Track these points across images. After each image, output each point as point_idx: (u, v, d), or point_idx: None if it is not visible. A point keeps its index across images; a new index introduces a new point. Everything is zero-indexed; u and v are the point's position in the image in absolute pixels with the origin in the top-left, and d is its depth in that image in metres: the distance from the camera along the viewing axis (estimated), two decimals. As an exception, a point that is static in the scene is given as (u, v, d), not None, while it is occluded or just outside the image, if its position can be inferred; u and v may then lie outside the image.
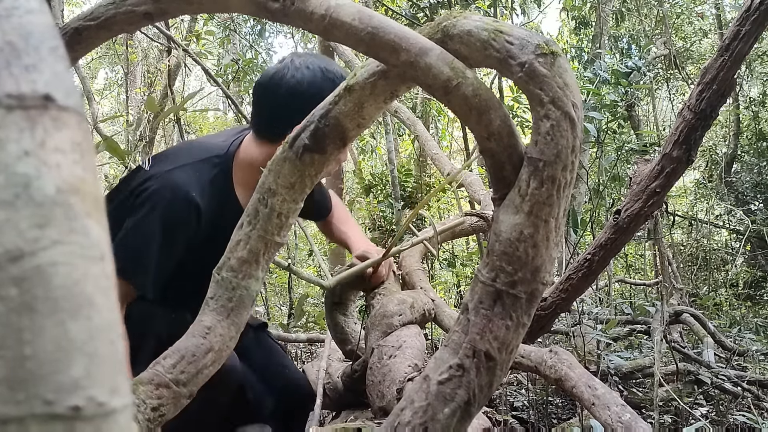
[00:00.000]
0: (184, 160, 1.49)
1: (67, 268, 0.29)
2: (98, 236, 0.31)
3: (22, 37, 0.31)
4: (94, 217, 0.31)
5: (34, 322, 0.28)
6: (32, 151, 0.29)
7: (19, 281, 0.28)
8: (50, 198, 0.29)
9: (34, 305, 0.28)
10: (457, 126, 9.38)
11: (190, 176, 1.45)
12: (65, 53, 0.33)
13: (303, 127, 0.99)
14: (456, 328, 0.82)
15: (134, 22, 1.07)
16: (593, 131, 3.58)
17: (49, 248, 0.29)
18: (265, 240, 1.02)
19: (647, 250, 6.51)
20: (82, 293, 0.30)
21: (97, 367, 0.30)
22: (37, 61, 0.31)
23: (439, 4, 5.25)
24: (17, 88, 0.30)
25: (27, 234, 0.29)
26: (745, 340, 3.59)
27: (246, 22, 8.52)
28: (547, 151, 0.77)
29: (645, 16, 8.69)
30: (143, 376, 0.96)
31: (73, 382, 0.29)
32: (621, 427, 1.48)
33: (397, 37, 0.84)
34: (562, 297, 2.46)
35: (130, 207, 1.39)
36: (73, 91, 0.32)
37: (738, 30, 1.80)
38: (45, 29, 0.32)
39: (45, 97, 0.30)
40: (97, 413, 0.29)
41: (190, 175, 1.45)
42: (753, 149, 9.40)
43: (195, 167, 1.48)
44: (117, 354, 0.31)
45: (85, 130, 0.32)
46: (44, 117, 0.30)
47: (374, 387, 2.27)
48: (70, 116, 0.31)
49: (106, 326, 0.30)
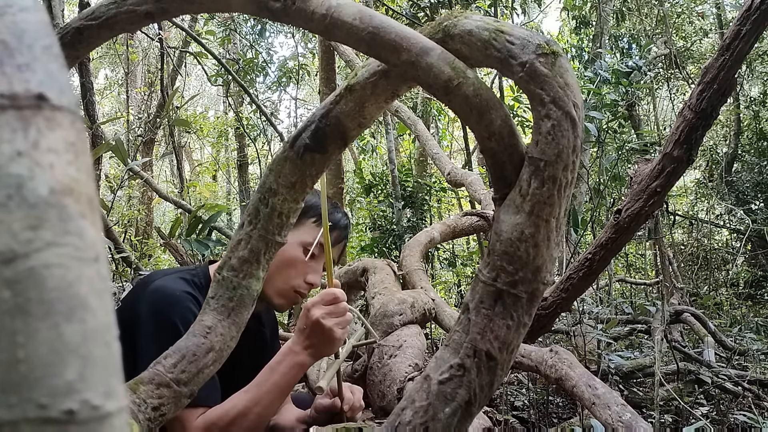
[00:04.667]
0: (163, 274, 1.52)
1: (61, 270, 0.29)
2: (93, 238, 0.30)
3: (16, 36, 0.30)
4: (88, 218, 0.30)
5: (28, 324, 0.28)
6: (25, 152, 0.29)
7: (13, 284, 0.28)
8: (43, 199, 0.29)
9: (27, 308, 0.28)
10: (457, 126, 9.39)
11: (177, 280, 1.47)
12: (60, 52, 0.32)
13: (304, 127, 0.99)
14: (457, 328, 0.81)
15: (135, 21, 1.06)
16: (594, 131, 3.58)
17: (43, 250, 0.29)
18: (266, 239, 1.02)
19: (648, 250, 6.51)
20: (77, 295, 0.29)
21: (92, 370, 0.29)
22: (31, 60, 0.30)
23: (439, 3, 5.25)
24: (10, 88, 0.29)
25: (20, 236, 0.28)
26: (746, 339, 3.59)
27: (246, 21, 8.52)
28: (548, 151, 0.77)
29: (645, 16, 8.69)
30: (144, 375, 0.95)
31: (67, 385, 0.28)
32: (621, 426, 1.47)
33: (398, 36, 0.84)
34: (563, 296, 2.46)
35: (137, 326, 1.38)
36: (68, 91, 0.31)
37: (739, 29, 1.80)
38: (39, 28, 0.31)
39: (38, 97, 0.30)
40: (91, 417, 0.29)
41: (178, 279, 1.47)
42: (753, 149, 9.40)
43: (179, 275, 1.50)
44: (112, 357, 0.31)
45: (79, 129, 0.31)
46: (38, 117, 0.30)
47: (375, 387, 2.27)
48: (63, 116, 0.31)
49: (100, 329, 0.30)
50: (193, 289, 1.45)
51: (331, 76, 6.54)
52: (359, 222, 7.00)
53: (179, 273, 1.52)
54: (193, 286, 1.47)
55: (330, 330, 1.36)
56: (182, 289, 1.43)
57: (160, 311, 1.37)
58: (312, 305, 1.38)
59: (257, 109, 7.52)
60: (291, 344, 1.39)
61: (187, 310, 1.37)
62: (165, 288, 1.42)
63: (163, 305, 1.38)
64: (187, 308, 1.38)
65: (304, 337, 1.37)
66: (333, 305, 1.38)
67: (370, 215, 6.01)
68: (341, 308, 1.39)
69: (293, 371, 1.36)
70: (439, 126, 9.07)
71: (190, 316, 1.34)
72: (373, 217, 5.93)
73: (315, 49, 8.65)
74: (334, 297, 1.38)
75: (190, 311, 1.37)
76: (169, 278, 1.47)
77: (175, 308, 1.38)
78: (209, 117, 13.01)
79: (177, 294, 1.41)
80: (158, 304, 1.39)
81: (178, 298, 1.40)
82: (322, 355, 1.42)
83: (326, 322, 1.35)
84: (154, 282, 1.45)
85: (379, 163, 8.47)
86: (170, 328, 1.32)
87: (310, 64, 9.43)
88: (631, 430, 1.44)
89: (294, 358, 1.37)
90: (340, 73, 7.39)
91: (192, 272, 1.54)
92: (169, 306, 1.38)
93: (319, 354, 1.40)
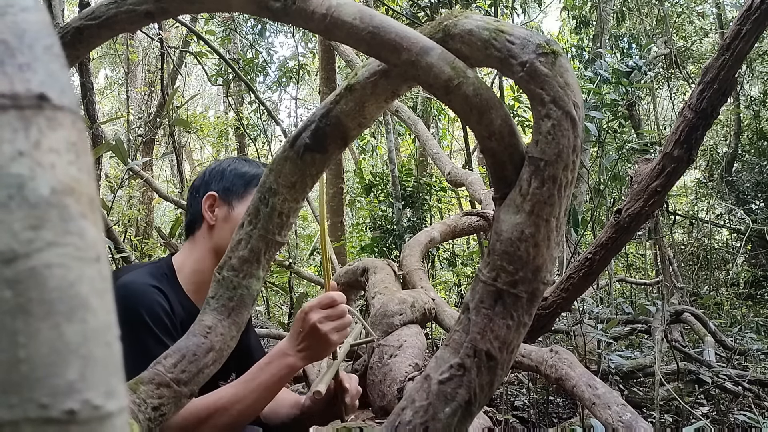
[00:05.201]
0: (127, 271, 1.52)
1: (62, 270, 0.29)
2: (94, 237, 0.30)
3: (17, 36, 0.30)
4: (89, 218, 0.30)
5: (29, 324, 0.28)
6: (26, 152, 0.29)
7: (14, 283, 0.28)
8: (45, 199, 0.29)
9: (28, 308, 0.28)
10: (457, 125, 9.39)
11: (143, 275, 1.46)
12: (61, 52, 0.32)
13: (304, 127, 0.99)
14: (457, 328, 0.82)
15: (135, 21, 1.06)
16: (594, 130, 3.58)
17: (44, 250, 0.29)
18: (266, 239, 1.02)
19: (648, 250, 6.51)
20: (78, 295, 0.29)
21: (93, 370, 0.29)
22: (32, 60, 0.30)
23: (439, 3, 5.25)
24: (11, 88, 0.29)
25: (21, 236, 0.28)
26: (746, 339, 3.59)
27: (246, 21, 8.52)
28: (549, 151, 0.77)
29: (646, 16, 8.69)
30: (144, 375, 0.95)
31: (68, 385, 0.28)
32: (622, 426, 1.47)
33: (398, 36, 0.84)
34: (563, 296, 2.46)
35: None
36: (68, 90, 0.31)
37: (739, 29, 1.80)
38: (40, 27, 0.31)
39: (40, 97, 0.30)
40: (92, 417, 0.29)
41: (143, 274, 1.47)
42: (754, 148, 9.41)
43: (143, 270, 1.50)
44: (113, 357, 0.31)
45: (80, 129, 0.31)
46: (39, 117, 0.30)
47: (375, 386, 2.27)
48: (65, 116, 0.31)
49: (101, 328, 0.30)
50: (156, 282, 1.45)
51: (331, 76, 6.54)
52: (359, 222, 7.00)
53: (143, 267, 1.53)
54: (156, 278, 1.47)
55: (326, 335, 1.35)
56: (147, 282, 1.43)
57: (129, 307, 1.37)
58: (309, 309, 1.37)
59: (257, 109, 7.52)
60: (284, 345, 1.38)
61: (154, 303, 1.38)
62: (130, 283, 1.42)
63: (131, 300, 1.38)
64: (155, 301, 1.39)
65: (299, 340, 1.37)
66: (331, 309, 1.37)
67: (370, 215, 6.01)
68: (339, 312, 1.38)
69: (282, 372, 1.36)
70: (439, 126, 9.07)
71: (157, 307, 1.37)
72: (373, 217, 5.93)
73: (315, 49, 8.66)
74: (332, 300, 1.37)
75: (156, 303, 1.38)
76: (132, 274, 1.47)
77: (142, 301, 1.38)
78: (209, 117, 13.00)
79: (142, 287, 1.41)
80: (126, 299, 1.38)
81: (144, 292, 1.40)
82: (316, 358, 1.41)
83: (323, 327, 1.35)
84: (118, 279, 1.44)
85: (379, 163, 8.46)
86: (141, 322, 1.33)
87: (310, 64, 9.43)
88: (631, 429, 1.45)
89: (285, 359, 1.36)
90: (340, 72, 7.39)
91: (155, 264, 1.56)
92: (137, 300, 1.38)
93: (312, 357, 1.39)
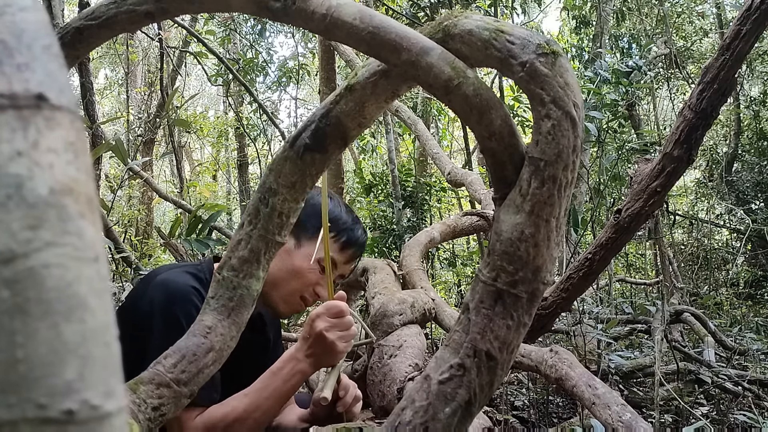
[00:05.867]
0: (168, 268, 1.52)
1: (61, 269, 0.29)
2: (92, 237, 0.30)
3: (15, 36, 0.30)
4: (87, 218, 0.30)
5: (27, 324, 0.28)
6: (25, 152, 0.29)
7: (12, 283, 0.28)
8: (43, 199, 0.29)
9: (26, 308, 0.28)
10: (457, 125, 9.39)
11: (182, 273, 1.46)
12: (59, 52, 0.32)
13: (304, 127, 0.99)
14: (457, 328, 0.81)
15: (135, 21, 1.06)
16: (594, 130, 3.58)
17: (42, 250, 0.29)
18: (266, 239, 1.02)
19: (648, 250, 6.51)
20: (76, 295, 0.29)
21: (91, 369, 0.29)
22: (30, 60, 0.30)
23: (439, 3, 5.25)
24: (9, 88, 0.29)
25: (19, 235, 0.28)
26: (746, 339, 3.59)
27: (246, 21, 8.52)
28: (548, 151, 0.77)
29: (646, 16, 8.69)
30: (144, 375, 0.95)
31: (67, 385, 0.28)
32: (621, 426, 1.47)
33: (398, 36, 0.84)
34: (563, 296, 2.46)
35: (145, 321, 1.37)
36: (67, 90, 0.31)
37: (739, 29, 1.80)
38: (38, 27, 0.31)
39: (38, 97, 0.30)
40: (90, 417, 0.29)
41: (183, 273, 1.47)
42: (754, 148, 9.40)
43: (184, 269, 1.50)
44: (111, 357, 0.31)
45: (78, 129, 0.31)
46: (37, 117, 0.30)
47: (375, 386, 2.27)
48: (63, 116, 0.31)
49: (100, 328, 0.30)
50: (197, 283, 1.45)
51: (331, 76, 6.53)
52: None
53: (184, 267, 1.52)
54: (198, 280, 1.47)
55: (333, 343, 1.36)
56: (187, 283, 1.42)
57: (165, 306, 1.37)
58: (317, 316, 1.37)
59: (257, 109, 7.51)
60: (294, 351, 1.39)
61: (190, 304, 1.37)
62: (170, 282, 1.42)
63: (169, 299, 1.38)
64: (191, 302, 1.38)
65: (307, 345, 1.37)
66: (338, 318, 1.38)
67: (370, 215, 6.01)
68: (346, 322, 1.39)
69: (294, 378, 1.36)
70: (439, 126, 9.07)
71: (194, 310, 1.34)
72: (373, 217, 5.93)
73: (315, 49, 8.65)
74: (340, 310, 1.38)
75: (193, 305, 1.37)
76: (173, 272, 1.47)
77: (180, 302, 1.37)
78: (209, 117, 13.00)
79: (181, 287, 1.40)
80: (163, 298, 1.38)
81: (182, 292, 1.39)
82: (324, 365, 1.42)
83: (329, 335, 1.35)
84: (158, 276, 1.44)
85: (379, 163, 8.46)
86: (175, 322, 1.31)
87: (310, 64, 9.43)
88: (631, 430, 1.44)
89: (296, 365, 1.37)
90: (340, 73, 7.39)
91: (197, 267, 1.54)
92: (174, 299, 1.38)
93: (320, 364, 1.40)
